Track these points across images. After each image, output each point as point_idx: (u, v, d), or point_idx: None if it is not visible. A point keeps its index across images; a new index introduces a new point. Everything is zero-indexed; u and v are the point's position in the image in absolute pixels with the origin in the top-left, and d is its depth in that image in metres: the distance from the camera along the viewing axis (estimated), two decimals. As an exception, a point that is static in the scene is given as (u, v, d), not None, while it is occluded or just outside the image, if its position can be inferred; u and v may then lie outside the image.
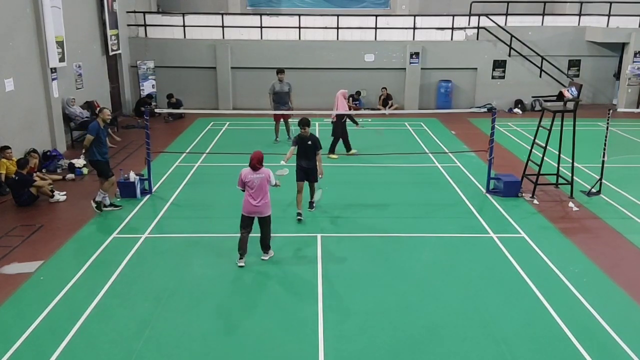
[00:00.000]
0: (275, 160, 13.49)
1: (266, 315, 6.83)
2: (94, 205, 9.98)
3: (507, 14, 20.95)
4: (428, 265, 8.19)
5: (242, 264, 7.94)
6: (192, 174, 12.59)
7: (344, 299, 7.19)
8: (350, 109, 19.94)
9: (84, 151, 9.88)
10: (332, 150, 14.03)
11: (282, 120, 15.58)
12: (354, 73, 20.65)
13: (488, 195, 11.22)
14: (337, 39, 20.83)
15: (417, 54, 20.39)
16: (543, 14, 21.28)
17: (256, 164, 7.73)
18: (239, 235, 7.96)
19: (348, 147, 14.26)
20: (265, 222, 8.01)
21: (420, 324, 6.66)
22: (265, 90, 15.80)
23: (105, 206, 10.10)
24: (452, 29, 20.93)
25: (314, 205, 10.28)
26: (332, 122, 14.26)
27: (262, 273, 7.83)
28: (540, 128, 11.10)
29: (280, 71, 15.31)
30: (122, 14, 19.00)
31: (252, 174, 7.74)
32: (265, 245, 8.19)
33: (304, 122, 9.71)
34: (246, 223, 7.94)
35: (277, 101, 15.23)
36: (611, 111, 11.16)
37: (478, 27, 20.79)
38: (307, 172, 9.91)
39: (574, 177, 11.21)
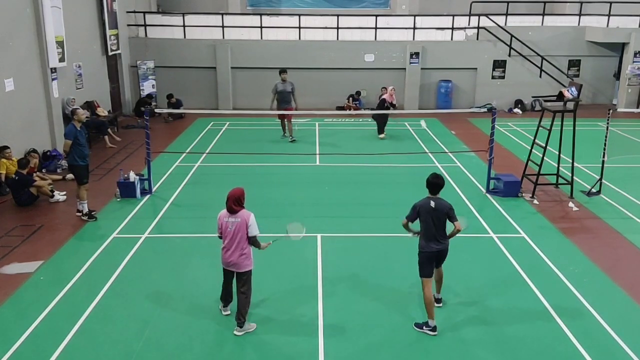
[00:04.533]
0: (271, 159, 13.59)
1: (266, 315, 6.82)
2: (83, 217, 9.77)
3: (507, 14, 20.94)
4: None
5: (228, 312, 6.73)
6: (192, 174, 12.59)
7: (344, 299, 7.19)
8: (350, 109, 20.00)
9: (64, 156, 9.73)
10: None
11: (285, 119, 15.67)
12: (354, 73, 20.65)
13: (488, 195, 11.22)
14: (337, 39, 20.82)
15: (417, 54, 20.39)
16: (543, 14, 21.28)
17: (232, 204, 6.15)
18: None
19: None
20: (242, 280, 6.34)
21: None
22: (265, 90, 15.82)
23: (83, 214, 9.83)
24: (452, 29, 20.92)
25: (442, 302, 7.07)
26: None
27: (263, 273, 7.81)
28: (540, 128, 11.10)
29: (282, 71, 15.44)
30: (122, 14, 18.99)
31: (227, 217, 6.23)
32: (239, 315, 6.38)
33: (435, 184, 6.47)
34: (225, 276, 6.56)
35: (280, 100, 15.31)
36: (611, 111, 11.16)
37: (478, 27, 20.78)
38: (438, 256, 6.59)
39: (574, 177, 11.21)
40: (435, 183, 6.48)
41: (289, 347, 6.19)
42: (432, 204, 6.40)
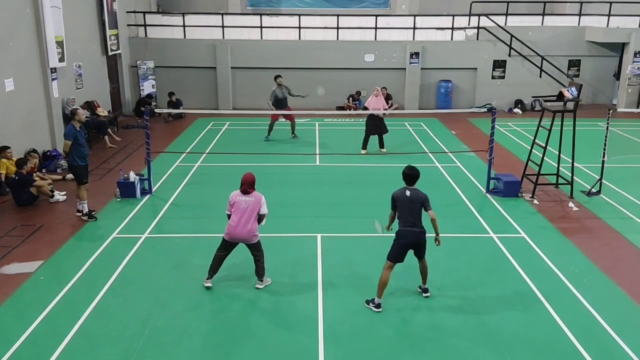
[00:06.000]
0: (270, 159, 13.58)
1: (266, 315, 6.84)
2: (83, 217, 9.77)
3: (507, 14, 20.94)
4: (428, 265, 8.17)
5: (209, 285, 7.30)
6: (192, 174, 12.59)
7: (344, 298, 7.19)
8: (350, 109, 19.99)
9: (64, 156, 9.71)
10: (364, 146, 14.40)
11: (282, 119, 15.74)
12: (354, 73, 20.65)
13: (488, 195, 11.22)
14: (337, 39, 20.83)
15: (417, 54, 20.39)
16: (543, 14, 21.28)
17: (247, 188, 7.11)
18: (214, 254, 7.33)
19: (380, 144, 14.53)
20: (255, 249, 7.31)
21: (420, 324, 6.67)
22: (266, 90, 15.84)
23: (83, 214, 9.83)
24: (452, 29, 20.92)
25: (428, 292, 7.29)
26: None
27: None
28: (540, 128, 11.10)
29: (278, 76, 15.49)
30: (122, 14, 19.00)
31: (241, 197, 7.13)
32: (259, 273, 7.41)
33: (410, 175, 6.96)
34: (225, 247, 7.29)
35: (279, 106, 15.25)
36: (611, 111, 11.16)
37: (478, 27, 20.78)
38: (416, 245, 6.92)
39: (574, 177, 11.21)
40: (410, 174, 6.94)
41: (289, 346, 6.20)
42: (408, 193, 6.84)
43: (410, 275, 7.43)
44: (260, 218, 7.24)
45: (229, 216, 7.21)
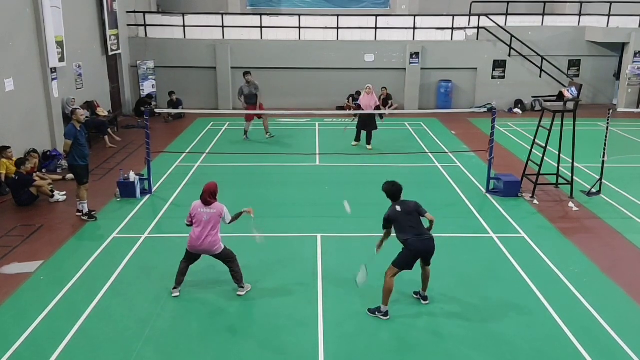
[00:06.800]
0: (270, 159, 13.59)
1: (266, 315, 6.83)
2: (83, 217, 9.76)
3: (507, 14, 20.94)
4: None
5: (177, 294, 7.17)
6: (192, 174, 12.60)
7: (344, 299, 7.19)
8: (350, 109, 19.99)
9: (64, 156, 9.70)
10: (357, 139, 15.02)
11: (254, 118, 16.04)
12: (354, 73, 20.64)
13: (488, 195, 11.22)
14: (337, 39, 20.83)
15: (417, 54, 20.39)
16: (543, 14, 21.28)
17: (208, 197, 6.96)
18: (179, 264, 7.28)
19: (367, 141, 14.88)
20: (222, 257, 7.18)
21: (420, 324, 6.67)
22: (265, 91, 15.89)
23: (83, 214, 9.83)
24: (452, 29, 20.92)
25: (428, 299, 7.12)
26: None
27: (263, 273, 7.82)
28: (540, 128, 11.10)
29: (247, 73, 15.75)
30: (122, 14, 18.99)
31: (202, 208, 6.98)
32: (237, 279, 7.25)
33: (395, 192, 7.00)
34: (189, 258, 7.22)
35: (247, 102, 15.68)
36: (611, 111, 11.16)
37: (478, 27, 20.78)
38: (427, 254, 6.80)
39: (574, 177, 11.21)
40: (394, 190, 6.89)
41: (289, 346, 6.20)
42: (399, 208, 6.77)
43: (411, 276, 7.42)
44: (230, 224, 7.17)
45: (188, 226, 7.10)
